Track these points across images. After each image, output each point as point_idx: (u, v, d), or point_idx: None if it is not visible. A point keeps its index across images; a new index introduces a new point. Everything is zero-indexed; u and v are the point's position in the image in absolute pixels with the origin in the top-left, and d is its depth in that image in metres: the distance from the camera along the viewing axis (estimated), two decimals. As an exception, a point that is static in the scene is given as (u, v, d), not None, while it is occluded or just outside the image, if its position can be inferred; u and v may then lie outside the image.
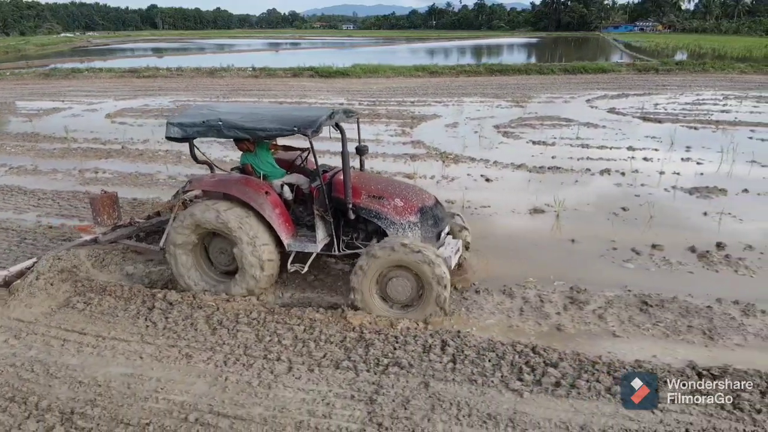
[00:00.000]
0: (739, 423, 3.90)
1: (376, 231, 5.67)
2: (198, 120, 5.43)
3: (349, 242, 5.77)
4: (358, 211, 5.52)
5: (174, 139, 5.59)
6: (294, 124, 5.10)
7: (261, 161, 6.01)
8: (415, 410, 4.06)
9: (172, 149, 12.73)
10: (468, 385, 4.33)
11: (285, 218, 5.59)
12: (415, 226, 5.48)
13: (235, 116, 5.40)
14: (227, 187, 5.60)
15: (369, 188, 5.62)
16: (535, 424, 3.92)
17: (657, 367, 4.49)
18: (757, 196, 9.11)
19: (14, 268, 5.88)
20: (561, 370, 4.47)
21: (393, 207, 5.49)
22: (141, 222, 7.06)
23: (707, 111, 17.44)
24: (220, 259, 5.86)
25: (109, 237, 6.59)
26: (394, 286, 5.18)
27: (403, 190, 5.73)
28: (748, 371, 4.42)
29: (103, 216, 6.79)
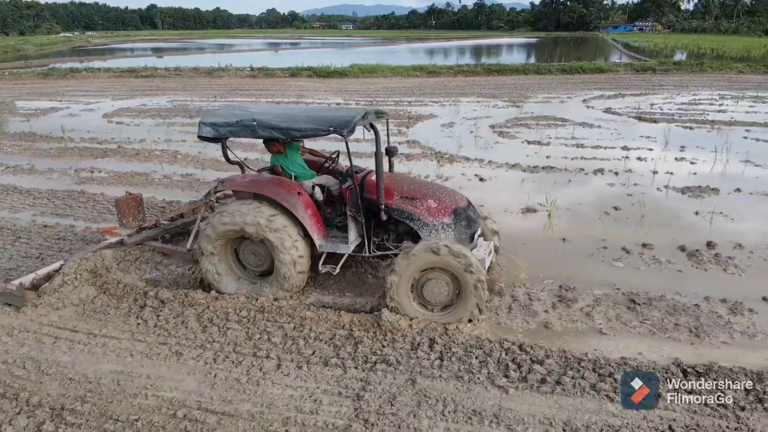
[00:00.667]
0: (723, 420, 3.94)
1: (407, 232, 5.62)
2: (231, 120, 5.39)
3: (380, 244, 5.71)
4: (390, 213, 5.47)
5: (206, 139, 5.55)
6: (329, 124, 5.05)
7: (291, 162, 6.00)
8: (402, 406, 4.10)
9: (168, 149, 12.80)
10: (454, 382, 4.38)
11: (317, 219, 5.55)
12: (449, 228, 5.41)
13: (269, 116, 5.37)
14: (260, 188, 5.53)
15: (401, 189, 5.56)
16: (520, 420, 3.96)
17: (642, 364, 4.54)
18: (749, 196, 9.16)
19: (42, 271, 5.86)
20: (547, 367, 4.51)
21: (426, 208, 5.43)
22: (166, 224, 6.99)
23: (703, 111, 17.50)
24: (251, 260, 5.77)
25: (135, 239, 6.54)
26: (431, 288, 5.08)
27: (436, 191, 5.68)
28: (733, 369, 4.47)
29: (128, 218, 6.73)
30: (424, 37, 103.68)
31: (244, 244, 5.69)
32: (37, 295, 5.50)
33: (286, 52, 62.45)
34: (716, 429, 3.84)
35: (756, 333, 5.10)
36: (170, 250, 6.53)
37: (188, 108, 19.18)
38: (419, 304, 5.17)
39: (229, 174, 10.38)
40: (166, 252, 6.57)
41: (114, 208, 7.31)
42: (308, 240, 5.51)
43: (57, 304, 5.56)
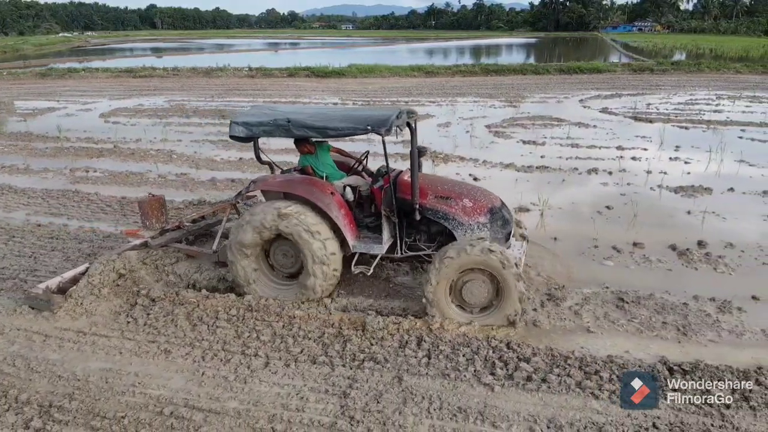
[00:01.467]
0: (707, 418, 3.96)
1: (440, 232, 5.58)
2: (265, 119, 5.30)
3: (412, 244, 5.67)
4: (424, 212, 5.41)
5: (238, 139, 5.46)
6: (367, 123, 4.96)
7: (321, 163, 5.95)
8: (387, 404, 4.13)
9: (164, 149, 12.82)
10: (441, 380, 4.40)
11: (350, 219, 5.48)
12: (485, 227, 5.37)
13: (302, 116, 5.30)
14: (293, 188, 5.45)
15: (435, 189, 5.51)
16: (504, 417, 3.98)
17: (629, 362, 4.56)
18: (742, 195, 9.18)
19: (68, 275, 5.81)
20: (533, 365, 4.53)
21: (461, 207, 5.39)
22: (189, 225, 6.91)
23: (699, 111, 17.53)
24: (283, 262, 5.67)
25: (159, 241, 6.45)
26: (470, 288, 5.01)
27: (470, 191, 5.64)
28: (719, 367, 4.49)
29: (152, 219, 6.65)
30: (424, 38, 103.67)
31: (274, 245, 5.60)
32: (65, 298, 5.42)
33: (286, 52, 62.48)
34: (701, 427, 3.86)
35: (744, 332, 5.12)
36: (196, 252, 6.44)
37: (185, 108, 19.20)
38: (458, 306, 5.11)
39: (225, 173, 10.54)
40: (192, 254, 6.48)
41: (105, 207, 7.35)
42: (339, 240, 5.43)
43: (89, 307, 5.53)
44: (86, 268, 5.86)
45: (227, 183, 9.92)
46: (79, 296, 5.50)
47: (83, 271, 5.85)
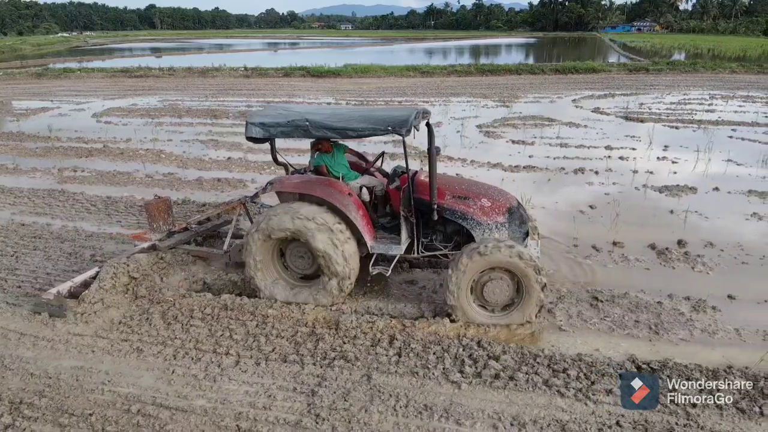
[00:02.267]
0: (672, 416, 3.97)
1: (456, 232, 5.56)
2: (282, 120, 5.22)
3: (428, 244, 5.63)
4: (442, 212, 5.38)
5: (254, 140, 5.38)
6: (387, 124, 4.89)
7: (337, 163, 5.88)
8: (354, 401, 4.14)
9: (153, 148, 12.83)
10: (409, 378, 4.42)
11: (367, 220, 5.43)
12: (503, 227, 5.35)
13: (320, 116, 5.23)
14: (312, 189, 5.37)
15: (453, 189, 5.49)
16: (469, 415, 4.00)
17: (597, 360, 4.58)
18: (727, 195, 9.19)
19: (78, 279, 5.73)
20: (502, 363, 4.55)
21: (480, 207, 5.36)
22: (196, 227, 6.84)
23: (691, 110, 17.53)
24: (298, 263, 5.59)
25: (168, 243, 6.37)
26: (492, 288, 4.99)
27: (488, 190, 5.61)
28: (688, 366, 4.50)
29: (158, 222, 6.53)
30: (422, 38, 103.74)
31: (290, 246, 5.53)
32: (78, 303, 5.31)
33: (284, 52, 62.51)
34: (665, 426, 3.88)
35: (717, 330, 5.13)
36: (206, 253, 6.38)
37: (178, 108, 19.20)
38: (479, 306, 5.10)
39: (212, 173, 10.55)
40: (202, 255, 6.41)
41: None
42: (356, 241, 5.39)
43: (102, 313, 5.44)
44: (96, 272, 5.76)
45: (213, 182, 9.92)
46: (92, 301, 5.39)
47: (93, 275, 5.75)
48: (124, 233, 7.62)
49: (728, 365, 4.51)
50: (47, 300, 5.37)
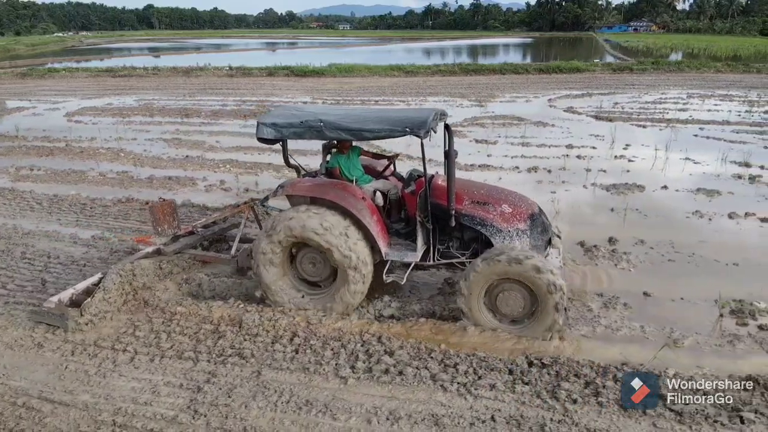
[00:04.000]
0: (548, 412, 3.98)
1: (474, 239, 5.33)
2: (295, 120, 5.03)
3: (444, 251, 5.39)
4: (460, 218, 5.17)
5: (265, 141, 5.19)
6: (405, 125, 4.70)
7: (352, 165, 5.69)
8: (237, 397, 4.16)
9: (114, 147, 12.85)
10: (299, 374, 4.44)
11: (382, 226, 5.23)
12: (524, 234, 5.12)
13: (334, 117, 5.04)
14: (324, 192, 5.15)
15: (471, 193, 5.28)
16: (347, 410, 4.01)
17: (490, 357, 4.58)
18: (675, 193, 9.20)
19: (80, 286, 5.45)
20: (396, 358, 4.56)
21: (500, 213, 5.15)
22: (202, 231, 6.58)
23: (664, 109, 17.54)
24: (309, 270, 5.39)
25: (173, 247, 6.14)
26: (505, 299, 4.79)
27: (508, 196, 5.40)
28: (579, 362, 4.50)
29: (163, 225, 6.34)
30: (418, 37, 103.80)
31: (302, 252, 5.33)
32: (80, 312, 5.04)
33: (279, 52, 62.59)
34: (539, 420, 3.88)
35: (621, 327, 5.14)
36: (213, 258, 6.16)
37: (152, 107, 19.25)
38: (491, 313, 4.91)
39: (166, 171, 10.54)
40: (208, 260, 6.19)
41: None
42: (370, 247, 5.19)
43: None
44: (99, 279, 5.52)
45: (164, 180, 9.96)
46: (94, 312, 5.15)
47: (96, 281, 5.50)
48: (60, 231, 7.64)
49: (623, 362, 4.51)
50: (48, 309, 5.09)
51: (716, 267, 6.46)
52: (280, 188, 5.45)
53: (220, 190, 9.45)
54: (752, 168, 10.68)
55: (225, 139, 13.54)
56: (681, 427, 3.83)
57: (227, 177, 10.18)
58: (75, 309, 5.06)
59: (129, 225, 7.86)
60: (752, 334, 5.07)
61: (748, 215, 8.11)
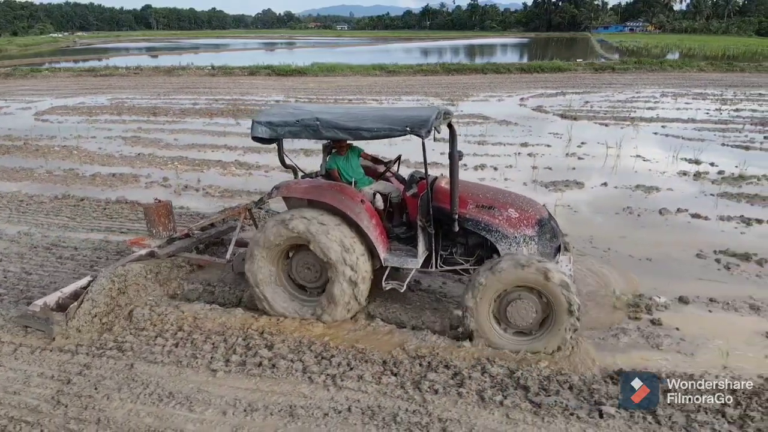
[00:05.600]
0: (406, 402, 4.00)
1: (479, 245, 5.11)
2: (290, 119, 4.85)
3: (447, 258, 5.18)
4: (464, 223, 4.93)
5: (260, 140, 5.01)
6: (405, 124, 4.47)
7: (351, 167, 5.47)
8: (103, 389, 4.19)
9: (70, 145, 12.89)
10: (171, 367, 4.46)
11: (381, 230, 5.02)
12: (532, 241, 4.87)
13: (332, 115, 4.86)
14: (321, 195, 4.95)
15: (476, 197, 5.03)
16: (206, 402, 4.04)
17: (367, 349, 4.60)
18: (613, 190, 9.24)
19: (68, 289, 5.24)
20: (275, 351, 4.59)
21: (506, 218, 4.89)
22: (198, 233, 6.39)
23: (632, 108, 17.58)
24: (305, 275, 5.18)
25: (167, 250, 5.92)
26: (516, 308, 4.51)
27: (515, 200, 5.15)
28: (453, 353, 4.51)
29: (158, 227, 6.12)
30: (413, 37, 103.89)
31: (297, 257, 5.16)
32: (66, 317, 4.84)
33: (271, 52, 62.57)
34: (394, 410, 3.91)
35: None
36: (207, 262, 5.96)
37: (122, 106, 19.31)
38: (499, 324, 4.65)
39: (112, 169, 10.56)
40: (203, 264, 6.01)
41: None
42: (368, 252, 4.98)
43: None
44: (89, 282, 5.34)
45: (107, 178, 10.03)
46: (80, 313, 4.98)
47: (85, 284, 5.31)
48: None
49: (489, 357, 4.48)
50: (32, 312, 4.92)
51: (628, 262, 6.50)
52: (275, 189, 5.22)
53: (160, 187, 9.49)
54: (701, 165, 10.72)
55: (184, 137, 13.60)
56: (534, 418, 3.85)
57: (171, 174, 10.22)
58: (60, 313, 4.87)
59: (58, 221, 7.89)
60: (641, 329, 5.08)
61: (680, 211, 8.14)
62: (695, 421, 3.77)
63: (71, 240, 7.17)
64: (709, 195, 8.98)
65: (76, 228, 7.63)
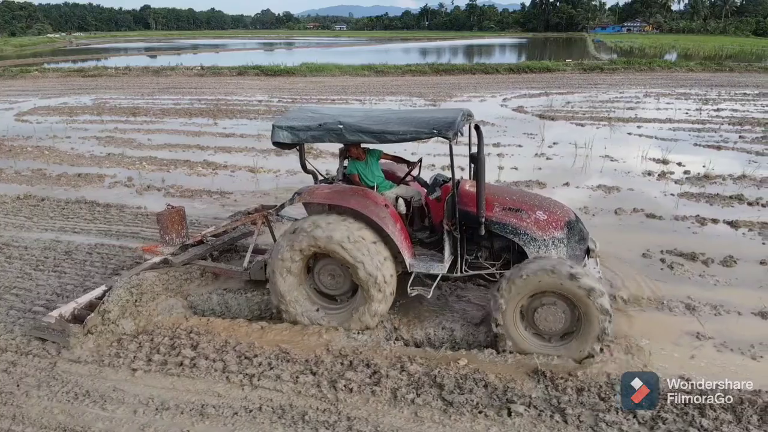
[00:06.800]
0: (318, 401, 4.04)
1: (505, 249, 5.01)
2: (313, 123, 4.77)
3: (472, 262, 5.08)
4: (490, 226, 4.82)
5: (281, 145, 4.94)
6: (432, 127, 4.44)
7: (371, 171, 5.39)
8: (23, 386, 4.28)
9: (44, 145, 12.93)
10: (93, 366, 4.51)
11: (405, 235, 4.92)
12: (561, 243, 4.79)
13: (354, 119, 4.79)
14: (345, 200, 4.85)
15: (503, 199, 4.94)
16: (120, 400, 4.08)
17: (290, 351, 4.62)
18: (574, 189, 9.28)
19: (83, 299, 5.12)
20: (198, 351, 4.62)
21: (534, 221, 4.80)
22: (212, 240, 6.19)
23: (612, 108, 17.61)
24: (328, 282, 5.05)
25: (182, 258, 5.74)
26: (544, 314, 4.43)
27: (542, 202, 5.07)
28: (377, 352, 4.55)
29: (171, 234, 5.97)
30: (410, 38, 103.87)
31: (319, 264, 5.01)
32: (83, 329, 4.74)
33: (271, 53, 62.60)
34: (305, 409, 3.94)
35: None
36: (224, 270, 5.73)
37: (104, 106, 19.39)
38: (533, 335, 4.54)
39: (80, 169, 10.54)
40: (218, 272, 5.78)
41: None
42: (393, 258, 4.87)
43: None
44: (104, 292, 5.24)
45: (72, 177, 10.10)
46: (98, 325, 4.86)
47: (100, 294, 5.21)
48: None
49: (410, 355, 4.52)
50: (47, 324, 4.81)
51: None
52: (296, 195, 5.11)
53: (123, 187, 9.53)
54: (668, 165, 10.75)
55: (158, 137, 13.64)
56: (441, 417, 3.88)
57: (137, 174, 10.26)
58: (78, 325, 4.75)
59: (15, 221, 7.93)
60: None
61: (636, 211, 8.17)
62: (603, 421, 3.79)
63: (24, 240, 7.21)
64: (670, 195, 9.00)
65: (31, 228, 7.67)
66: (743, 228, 7.53)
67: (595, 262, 5.30)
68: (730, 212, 8.14)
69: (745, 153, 11.67)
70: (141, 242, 6.92)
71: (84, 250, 6.79)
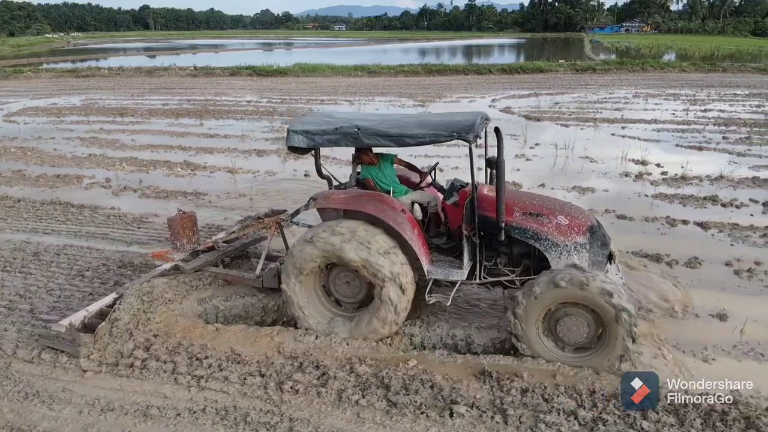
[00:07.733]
0: (262, 402, 4.08)
1: (525, 255, 4.91)
2: (329, 127, 4.70)
3: (491, 268, 4.99)
4: (510, 231, 4.72)
5: (297, 149, 4.88)
6: (451, 129, 4.39)
7: (386, 176, 5.28)
8: (-27, 388, 4.27)
9: (26, 146, 12.97)
10: (46, 367, 4.54)
11: (423, 241, 4.83)
12: (583, 249, 4.69)
13: (370, 123, 4.74)
14: (361, 205, 4.76)
15: (522, 204, 4.83)
16: (67, 400, 4.15)
17: (242, 353, 4.64)
18: (549, 191, 9.28)
19: (93, 307, 5.03)
20: (151, 353, 4.65)
21: (555, 226, 4.69)
22: (224, 246, 6.09)
23: (599, 109, 17.64)
24: (343, 290, 4.98)
25: (193, 265, 5.63)
26: (567, 324, 4.35)
27: (563, 206, 4.98)
28: (328, 353, 4.58)
29: (182, 240, 5.84)
30: (409, 38, 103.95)
31: (335, 269, 4.93)
32: (94, 338, 4.65)
33: (268, 53, 62.67)
34: (248, 410, 3.97)
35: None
36: (236, 277, 5.63)
37: (93, 106, 19.45)
38: (551, 340, 4.47)
39: (61, 170, 10.57)
40: (230, 279, 5.68)
41: None
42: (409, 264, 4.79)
43: None
44: (114, 299, 5.16)
45: (51, 178, 10.17)
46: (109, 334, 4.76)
47: (110, 302, 5.12)
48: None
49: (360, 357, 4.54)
50: (57, 333, 4.68)
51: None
52: (312, 200, 5.03)
53: (100, 188, 9.58)
54: (647, 166, 10.78)
55: (142, 138, 13.69)
56: (383, 417, 3.91)
57: (115, 175, 10.30)
58: (89, 335, 4.66)
59: (-12, 222, 7.98)
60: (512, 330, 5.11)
61: (607, 212, 8.20)
62: (543, 422, 3.82)
63: (-6, 241, 7.25)
64: (644, 196, 9.04)
65: (3, 229, 7.71)
66: (713, 229, 7.56)
67: (617, 267, 5.19)
68: (702, 213, 8.17)
69: (727, 153, 11.71)
70: (109, 244, 6.95)
71: (52, 251, 6.83)
